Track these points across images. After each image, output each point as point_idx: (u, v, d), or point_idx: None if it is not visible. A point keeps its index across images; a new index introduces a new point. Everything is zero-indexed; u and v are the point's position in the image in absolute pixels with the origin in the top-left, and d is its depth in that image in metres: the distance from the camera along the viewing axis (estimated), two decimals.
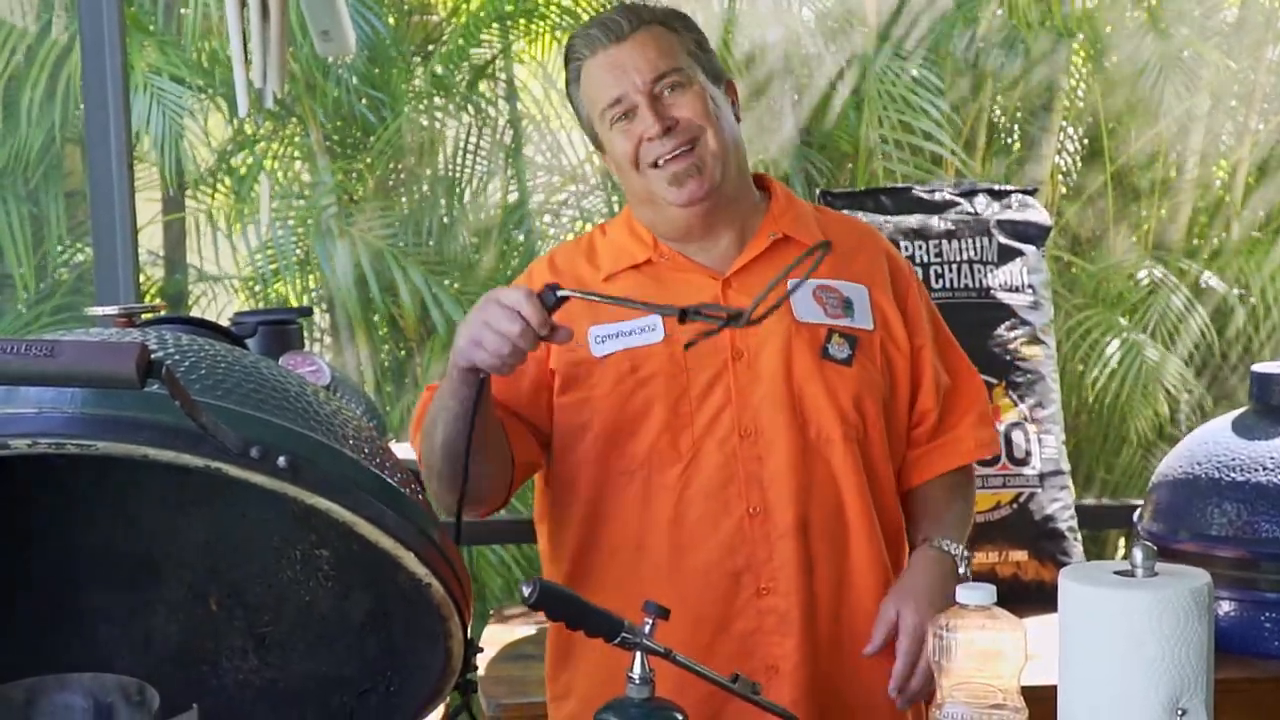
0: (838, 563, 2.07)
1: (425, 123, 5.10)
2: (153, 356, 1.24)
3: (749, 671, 1.96)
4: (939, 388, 2.19)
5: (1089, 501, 4.11)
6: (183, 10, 5.04)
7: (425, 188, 5.15)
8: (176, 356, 1.41)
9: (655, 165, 2.05)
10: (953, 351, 2.26)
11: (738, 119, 2.14)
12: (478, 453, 1.91)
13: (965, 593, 1.73)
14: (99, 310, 1.89)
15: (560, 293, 1.79)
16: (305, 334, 3.01)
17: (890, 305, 2.15)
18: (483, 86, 5.23)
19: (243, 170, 5.16)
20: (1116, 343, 4.77)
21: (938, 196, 3.39)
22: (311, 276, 5.00)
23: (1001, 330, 3.26)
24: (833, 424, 2.06)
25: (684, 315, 1.74)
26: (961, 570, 2.11)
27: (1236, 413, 2.91)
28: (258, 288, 5.07)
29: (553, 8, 5.10)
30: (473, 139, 5.12)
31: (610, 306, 1.99)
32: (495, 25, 5.07)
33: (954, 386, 2.23)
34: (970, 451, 2.22)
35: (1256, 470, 2.74)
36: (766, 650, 2.04)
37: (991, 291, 3.28)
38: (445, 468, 1.95)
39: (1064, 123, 5.05)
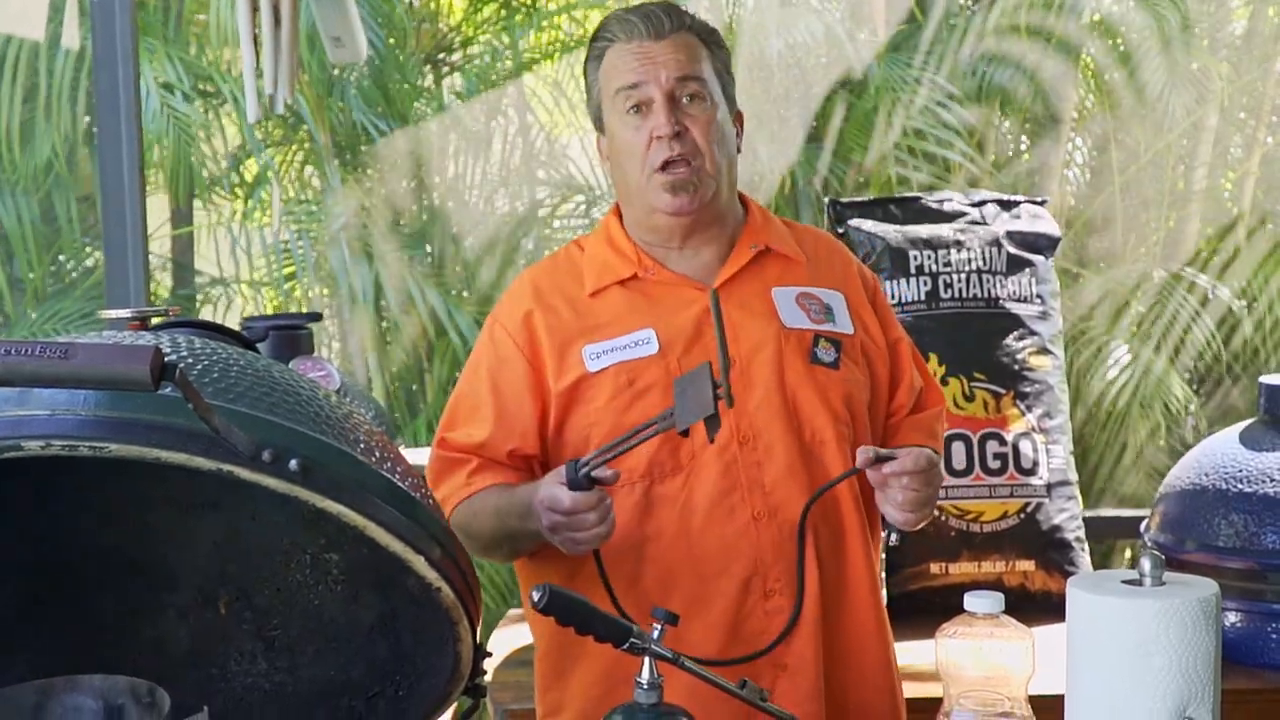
0: (835, 561, 2.10)
1: (435, 129, 5.11)
2: (166, 359, 1.24)
3: (758, 672, 1.98)
4: (914, 385, 2.25)
5: (1096, 512, 4.10)
6: (199, 16, 5.05)
7: (435, 196, 5.16)
8: (190, 360, 1.41)
9: (657, 169, 2.09)
10: (918, 357, 2.33)
11: (738, 149, 2.20)
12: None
13: (973, 601, 1.74)
14: (112, 313, 1.89)
15: (582, 470, 1.88)
16: (314, 339, 3.01)
17: (866, 309, 2.22)
18: (492, 96, 5.24)
19: (251, 177, 5.17)
20: (1122, 353, 4.76)
21: (947, 206, 3.39)
22: (320, 285, 5.01)
23: (1010, 340, 3.26)
24: (826, 426, 2.09)
25: (686, 431, 1.80)
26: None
27: (1244, 424, 2.90)
28: (267, 292, 5.08)
29: (561, 19, 5.11)
30: (482, 147, 5.14)
31: (601, 324, 2.09)
32: (505, 36, 5.08)
33: (926, 384, 2.30)
34: (942, 431, 2.30)
35: (1264, 482, 2.73)
36: (775, 650, 2.04)
37: (1000, 301, 3.28)
38: (482, 555, 2.12)
39: (1073, 134, 5.05)
